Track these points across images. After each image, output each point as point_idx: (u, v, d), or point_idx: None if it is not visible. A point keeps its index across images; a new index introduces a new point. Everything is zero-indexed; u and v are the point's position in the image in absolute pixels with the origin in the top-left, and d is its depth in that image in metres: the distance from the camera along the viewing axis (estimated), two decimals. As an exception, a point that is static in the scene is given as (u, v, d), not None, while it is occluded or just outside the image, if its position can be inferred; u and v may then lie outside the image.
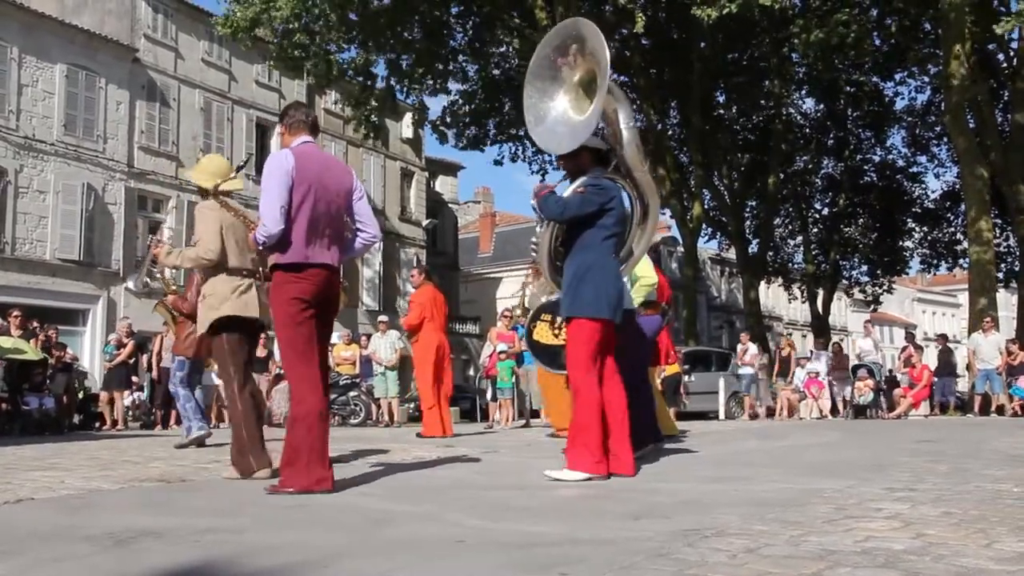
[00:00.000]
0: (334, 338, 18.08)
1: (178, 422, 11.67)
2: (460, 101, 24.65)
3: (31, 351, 11.54)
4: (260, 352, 15.23)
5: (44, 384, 11.84)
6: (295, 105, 4.15)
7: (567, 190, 4.34)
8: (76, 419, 13.19)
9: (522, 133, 26.36)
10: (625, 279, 4.89)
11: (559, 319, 5.88)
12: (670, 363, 8.92)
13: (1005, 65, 23.04)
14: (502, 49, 23.70)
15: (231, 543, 2.52)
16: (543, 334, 6.34)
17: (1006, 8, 20.49)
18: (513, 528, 2.74)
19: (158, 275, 5.07)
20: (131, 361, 13.63)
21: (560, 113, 4.43)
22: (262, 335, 4.74)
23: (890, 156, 31.35)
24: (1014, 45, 21.20)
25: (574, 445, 4.09)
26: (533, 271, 6.36)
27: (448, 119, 24.67)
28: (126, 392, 13.57)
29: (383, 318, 16.30)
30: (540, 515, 3.06)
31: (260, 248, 3.88)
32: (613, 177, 4.46)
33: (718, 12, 16.60)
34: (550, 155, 26.73)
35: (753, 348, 17.35)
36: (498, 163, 27.40)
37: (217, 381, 14.24)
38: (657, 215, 4.79)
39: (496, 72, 24.59)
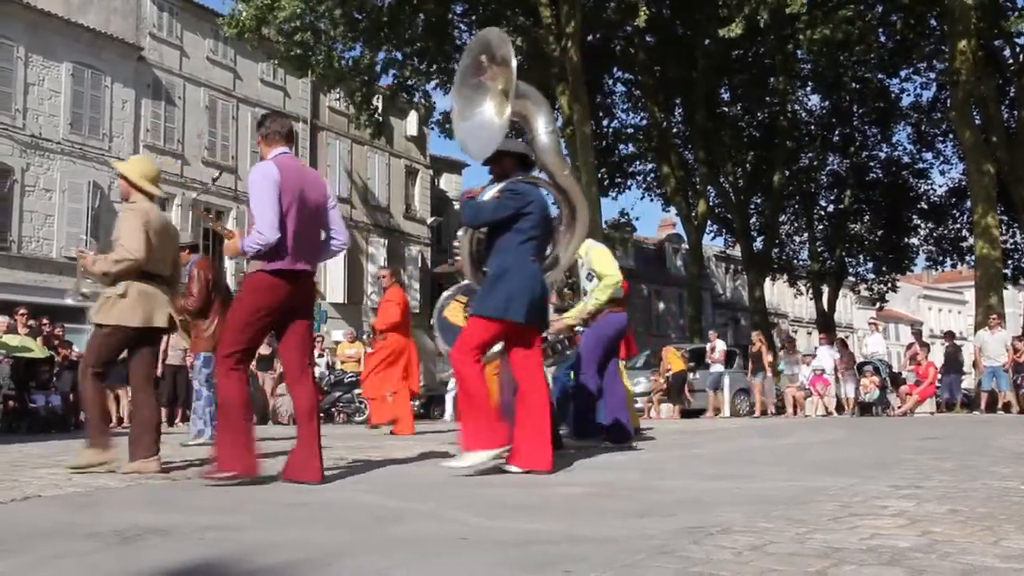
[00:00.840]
0: (338, 335, 18.12)
1: (183, 420, 11.70)
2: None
3: (37, 349, 11.58)
4: (264, 350, 15.24)
5: (50, 382, 11.88)
6: (271, 116, 4.29)
7: (487, 195, 4.43)
8: (82, 416, 13.21)
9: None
10: (552, 279, 4.96)
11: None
12: (631, 354, 9.05)
13: (1011, 61, 22.96)
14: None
15: (234, 540, 2.52)
16: (454, 313, 6.37)
17: (1012, 2, 20.42)
18: (512, 526, 2.73)
19: (90, 282, 5.20)
20: (132, 358, 13.59)
21: (483, 119, 4.52)
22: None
23: (896, 152, 31.30)
24: (1020, 41, 21.13)
25: (465, 429, 4.20)
26: (444, 266, 6.60)
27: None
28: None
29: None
30: (540, 513, 3.05)
31: (249, 257, 3.98)
32: (535, 181, 4.52)
33: (744, 25, 16.56)
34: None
35: (721, 344, 17.01)
36: None
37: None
38: (586, 218, 4.85)
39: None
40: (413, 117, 30.45)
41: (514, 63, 4.34)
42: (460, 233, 4.87)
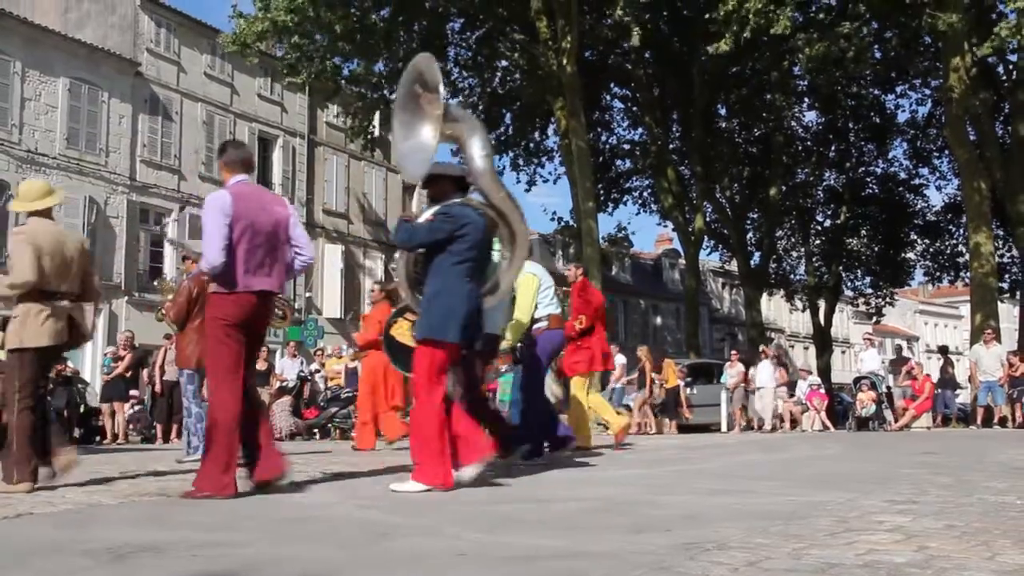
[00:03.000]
0: (329, 350, 18.10)
1: (179, 436, 11.65)
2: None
3: (32, 364, 11.51)
4: (261, 365, 15.20)
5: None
6: (233, 144, 4.59)
7: (423, 217, 4.56)
8: (77, 433, 13.16)
9: (523, 142, 26.48)
10: (494, 302, 5.06)
11: None
12: (608, 367, 9.08)
13: (1005, 78, 23.10)
14: (504, 63, 23.80)
15: (230, 557, 2.51)
16: (401, 332, 6.37)
17: (1000, 20, 20.56)
18: (512, 541, 2.73)
19: None
20: (128, 374, 13.54)
21: (419, 142, 4.66)
22: (262, 348, 4.90)
23: (892, 168, 31.40)
24: (1012, 58, 21.25)
25: (417, 458, 4.26)
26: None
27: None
28: (126, 404, 13.51)
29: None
30: (539, 528, 3.05)
31: (204, 277, 4.29)
32: (471, 203, 4.62)
33: (732, 41, 16.67)
34: (541, 165, 27.10)
35: (620, 359, 15.96)
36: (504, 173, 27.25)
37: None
38: (524, 239, 4.96)
39: (499, 88, 24.67)
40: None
41: (442, 88, 4.52)
42: (397, 255, 5.01)
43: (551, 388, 13.37)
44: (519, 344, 6.07)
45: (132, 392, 13.85)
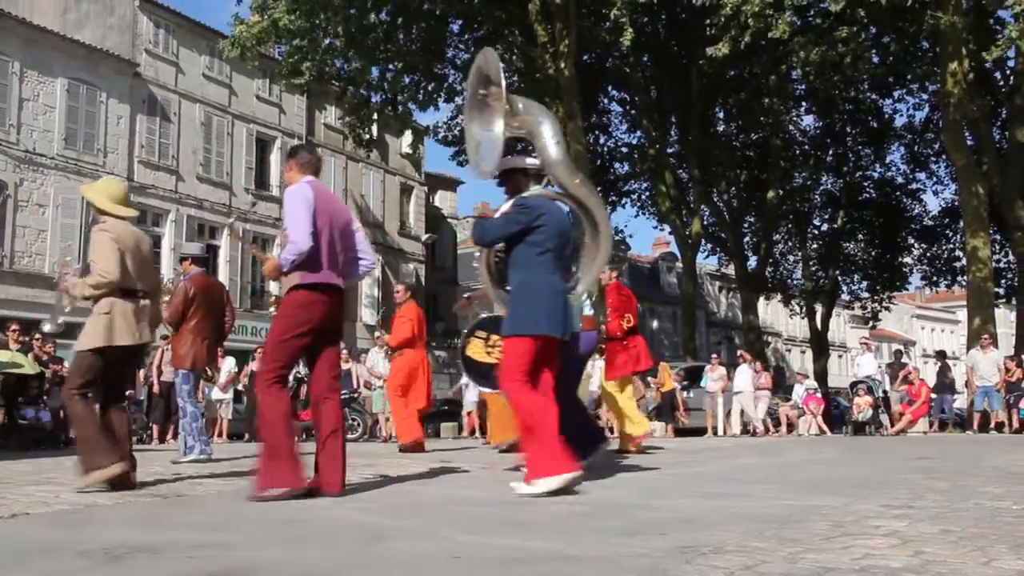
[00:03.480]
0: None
1: (175, 436, 11.65)
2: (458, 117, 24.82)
3: (28, 365, 11.50)
4: (256, 367, 15.19)
5: (40, 398, 11.80)
6: (306, 147, 4.56)
7: (499, 213, 4.49)
8: (72, 433, 13.13)
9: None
10: (584, 297, 4.92)
11: (493, 337, 5.99)
12: (641, 368, 9.03)
13: (1002, 83, 23.14)
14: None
15: (225, 558, 2.51)
16: (476, 350, 6.36)
17: (1001, 27, 20.61)
18: (507, 543, 2.72)
19: (67, 308, 5.32)
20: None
21: (490, 137, 4.55)
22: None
23: (889, 173, 31.46)
24: (1011, 63, 21.30)
25: (533, 455, 4.07)
26: (463, 302, 6.63)
27: (448, 134, 24.86)
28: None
29: (380, 333, 16.27)
30: (534, 530, 3.04)
31: (286, 271, 4.08)
32: (547, 194, 4.54)
33: (731, 46, 16.71)
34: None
35: None
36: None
37: (218, 396, 14.22)
38: (608, 227, 4.81)
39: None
40: (408, 134, 30.58)
41: (503, 82, 4.41)
42: (476, 254, 4.93)
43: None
44: None
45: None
